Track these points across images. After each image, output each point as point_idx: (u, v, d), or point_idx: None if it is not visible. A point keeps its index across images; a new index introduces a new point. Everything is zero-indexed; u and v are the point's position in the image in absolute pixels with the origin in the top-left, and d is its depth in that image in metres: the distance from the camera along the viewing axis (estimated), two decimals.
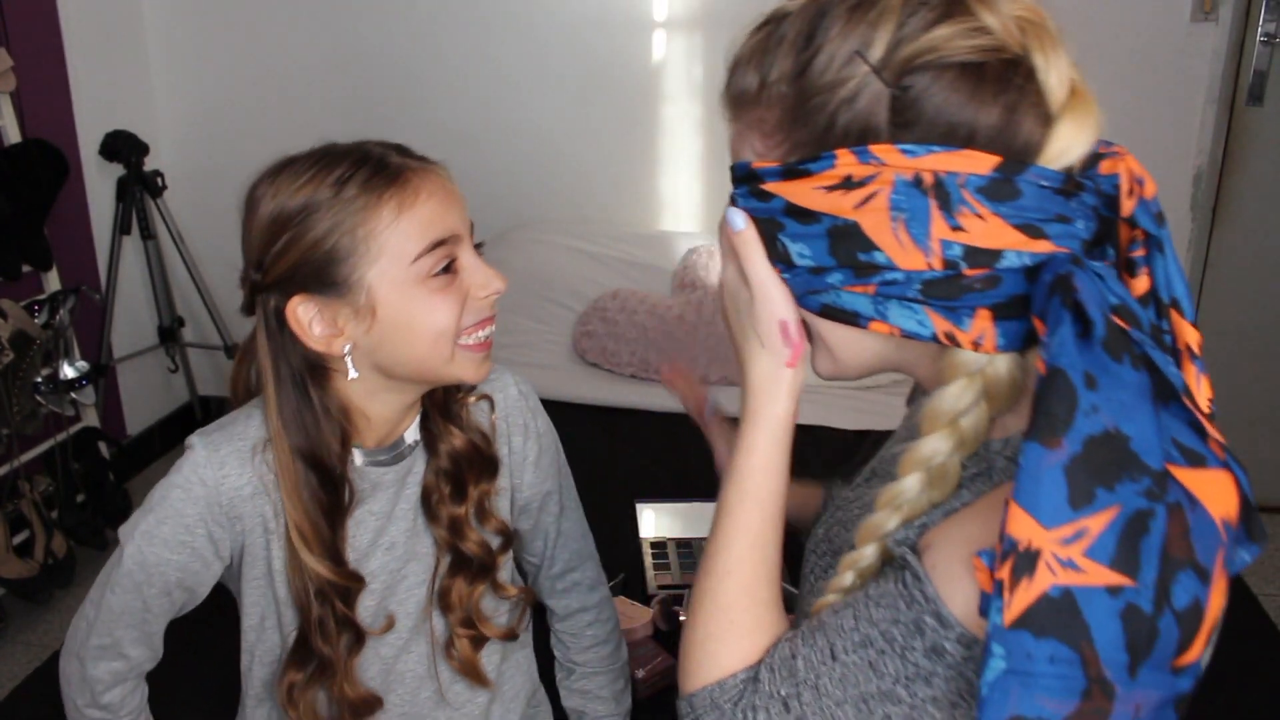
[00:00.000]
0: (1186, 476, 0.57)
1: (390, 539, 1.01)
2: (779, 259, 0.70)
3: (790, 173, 0.67)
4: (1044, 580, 0.55)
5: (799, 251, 0.68)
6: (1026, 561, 0.55)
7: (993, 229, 0.62)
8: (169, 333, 2.99)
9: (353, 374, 0.92)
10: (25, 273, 2.48)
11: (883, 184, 0.63)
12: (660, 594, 1.59)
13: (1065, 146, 0.63)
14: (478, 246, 0.95)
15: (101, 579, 0.98)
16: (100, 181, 2.89)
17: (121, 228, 2.77)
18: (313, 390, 0.93)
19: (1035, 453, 0.56)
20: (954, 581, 0.62)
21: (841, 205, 0.65)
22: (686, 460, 2.09)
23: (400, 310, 0.89)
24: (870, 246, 0.64)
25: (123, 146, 2.74)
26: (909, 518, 0.70)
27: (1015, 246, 0.63)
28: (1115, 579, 0.54)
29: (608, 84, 2.97)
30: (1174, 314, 0.67)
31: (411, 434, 1.01)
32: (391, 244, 0.88)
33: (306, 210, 0.88)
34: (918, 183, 0.62)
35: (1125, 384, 0.57)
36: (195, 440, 0.95)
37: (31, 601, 2.45)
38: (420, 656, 1.06)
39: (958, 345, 0.66)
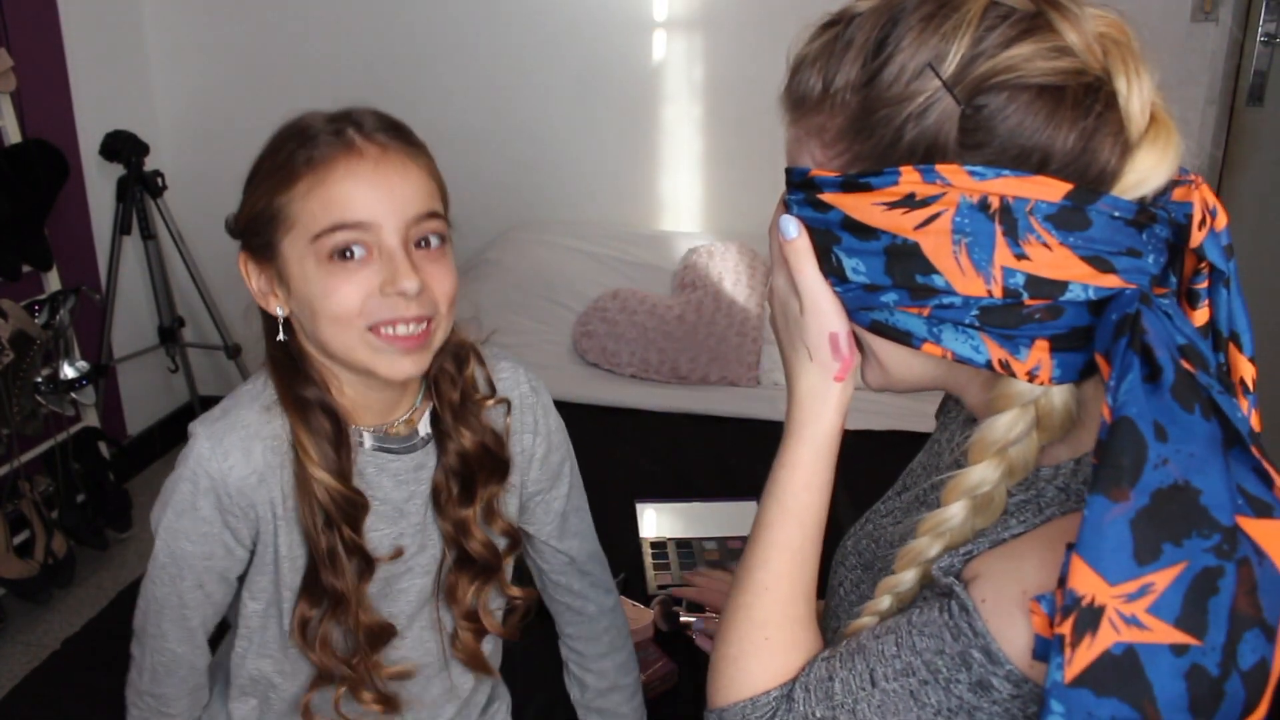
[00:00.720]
0: (1254, 528, 0.55)
1: (400, 530, 1.01)
2: (832, 272, 0.68)
3: (850, 185, 0.64)
4: (1107, 637, 0.53)
5: (854, 267, 0.66)
6: (1090, 618, 0.53)
7: (1059, 259, 0.60)
8: (169, 333, 2.99)
9: (281, 336, 0.94)
10: (25, 273, 2.48)
11: (947, 205, 0.61)
12: (660, 594, 1.58)
13: (1143, 177, 0.60)
14: (427, 244, 0.91)
15: (148, 569, 1.00)
16: (100, 181, 2.89)
17: (122, 228, 2.77)
18: (285, 334, 0.95)
19: (1100, 505, 0.54)
20: (1006, 619, 0.61)
21: (902, 224, 0.62)
22: (687, 460, 2.09)
23: (302, 285, 0.90)
24: (929, 269, 0.62)
25: (123, 146, 2.74)
26: (952, 545, 0.68)
27: (1081, 279, 0.60)
28: (1181, 638, 0.53)
29: (608, 84, 2.97)
30: (1232, 347, 0.65)
31: (424, 427, 1.01)
32: (302, 218, 0.89)
33: (258, 173, 0.93)
34: (984, 206, 0.60)
35: (1196, 435, 0.54)
36: (198, 430, 0.94)
37: (31, 601, 2.44)
38: (416, 642, 1.06)
39: (1012, 375, 0.64)
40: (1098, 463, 0.55)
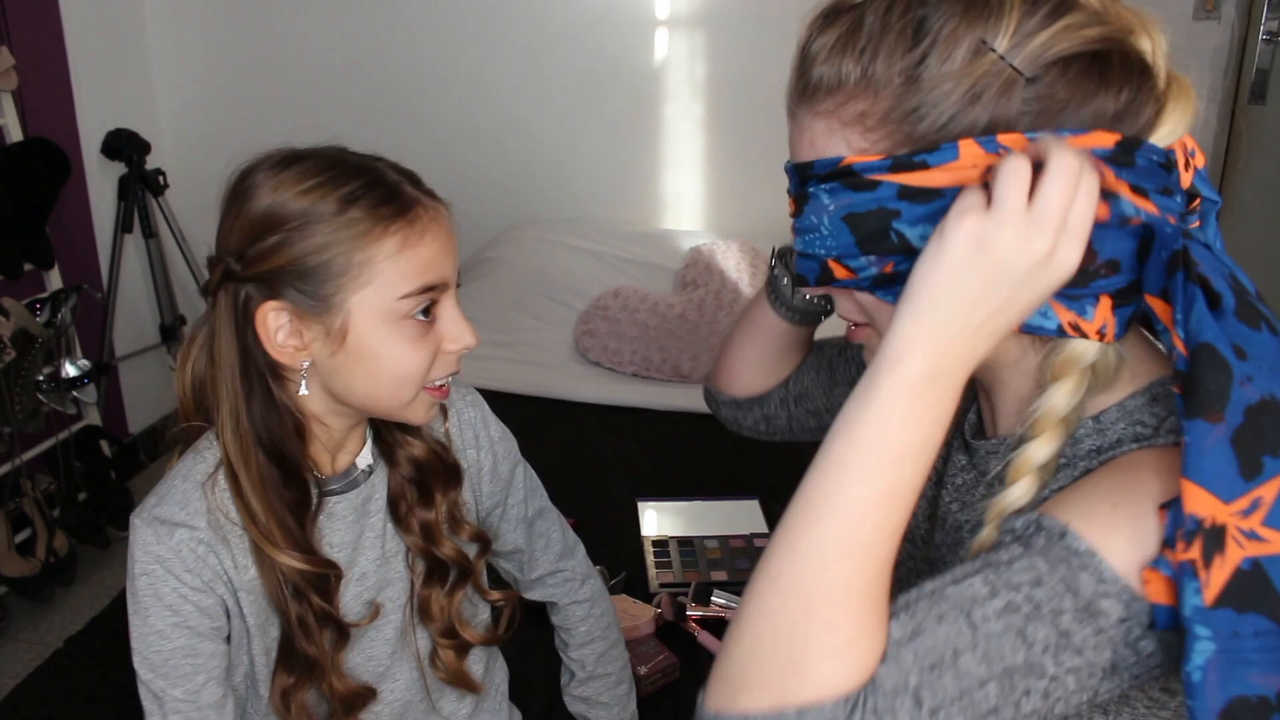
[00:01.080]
0: None
1: (360, 570, 0.99)
2: (893, 252, 0.65)
3: (902, 165, 0.63)
4: (1235, 555, 0.55)
5: (921, 233, 0.64)
6: (1215, 538, 0.55)
7: (1111, 181, 0.62)
8: (170, 331, 2.99)
9: (303, 390, 0.90)
10: (27, 271, 2.48)
11: None
12: (661, 593, 1.59)
13: (1172, 129, 0.64)
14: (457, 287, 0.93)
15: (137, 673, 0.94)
16: (102, 180, 2.89)
17: (123, 226, 2.77)
18: (274, 386, 0.91)
19: (1200, 429, 0.55)
20: (1109, 533, 0.59)
21: (968, 176, 0.62)
22: (688, 459, 2.09)
23: (370, 343, 0.87)
24: None
25: (124, 145, 2.74)
26: None
27: (1129, 197, 0.62)
28: None
29: (610, 82, 2.97)
30: None
31: (364, 459, 0.98)
32: (384, 276, 0.85)
33: (308, 217, 0.85)
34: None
35: (1269, 350, 0.57)
36: (137, 522, 0.90)
37: (33, 600, 2.45)
38: (405, 683, 1.04)
39: (1083, 336, 0.64)
40: (1184, 391, 0.57)
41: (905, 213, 0.64)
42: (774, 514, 1.82)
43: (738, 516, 1.83)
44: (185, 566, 0.90)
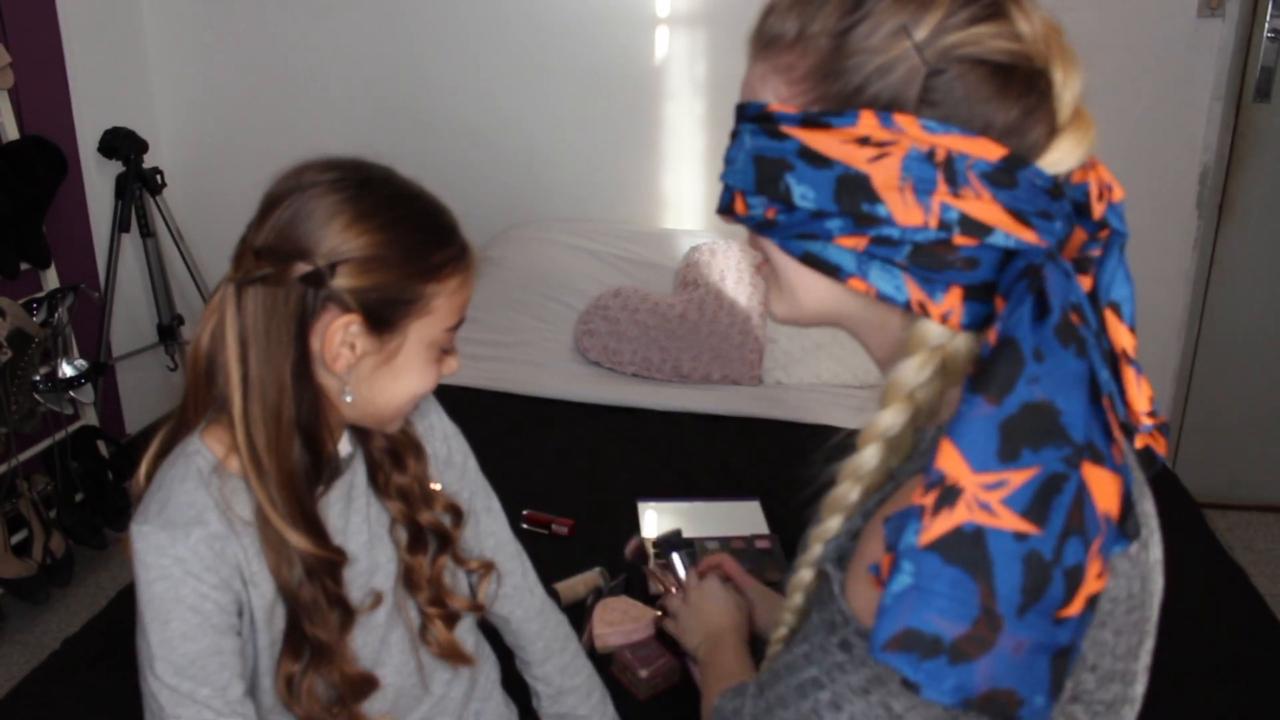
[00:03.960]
0: (1085, 469, 0.63)
1: (352, 554, 1.00)
2: (778, 199, 0.72)
3: (810, 122, 0.70)
4: (961, 515, 0.61)
5: (802, 194, 0.71)
6: (949, 495, 0.62)
7: (987, 208, 0.68)
8: (168, 331, 2.98)
9: (348, 397, 0.93)
10: (24, 270, 2.47)
11: (898, 150, 0.68)
12: (636, 538, 1.58)
13: (1062, 156, 0.69)
14: None
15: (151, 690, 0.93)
16: (99, 179, 2.88)
17: (120, 225, 2.76)
18: (318, 383, 0.93)
19: (976, 404, 0.62)
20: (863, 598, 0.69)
21: (856, 157, 0.69)
22: (689, 459, 2.08)
23: (409, 365, 0.95)
24: (875, 199, 0.69)
25: (122, 143, 2.73)
26: (870, 488, 0.76)
27: (1004, 228, 0.68)
28: (1024, 527, 0.61)
29: (610, 81, 2.96)
30: (1110, 314, 0.74)
31: (345, 447, 1.02)
32: (442, 309, 0.94)
33: (393, 246, 0.90)
34: (930, 155, 0.68)
35: (1066, 368, 0.63)
36: (146, 529, 0.90)
37: (29, 601, 2.44)
38: (395, 667, 1.05)
39: (928, 316, 0.70)
40: (977, 372, 0.63)
41: (798, 169, 0.71)
42: (775, 515, 1.81)
43: (738, 517, 1.82)
44: (205, 565, 0.90)
